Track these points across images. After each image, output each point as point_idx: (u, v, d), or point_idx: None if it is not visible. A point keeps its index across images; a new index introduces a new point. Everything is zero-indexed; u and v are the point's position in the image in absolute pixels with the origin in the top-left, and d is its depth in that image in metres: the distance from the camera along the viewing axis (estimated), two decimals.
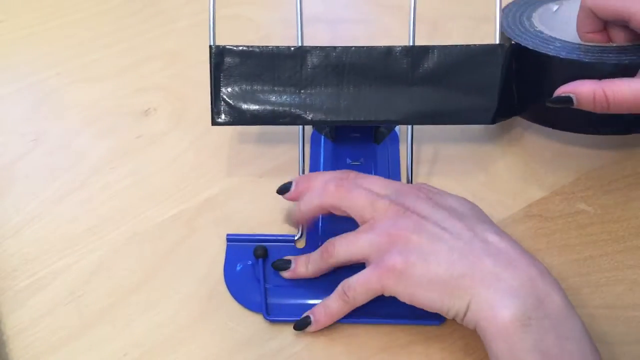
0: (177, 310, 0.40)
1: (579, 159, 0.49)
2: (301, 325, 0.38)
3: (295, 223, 0.43)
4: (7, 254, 0.42)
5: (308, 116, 0.42)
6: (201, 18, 0.58)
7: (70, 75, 0.53)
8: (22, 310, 0.39)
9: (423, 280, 0.34)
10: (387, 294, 0.36)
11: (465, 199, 0.39)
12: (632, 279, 0.42)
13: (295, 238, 0.43)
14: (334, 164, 0.47)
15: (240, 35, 0.57)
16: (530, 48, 0.43)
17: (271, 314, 0.39)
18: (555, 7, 0.49)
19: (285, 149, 0.49)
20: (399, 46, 0.41)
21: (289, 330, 0.39)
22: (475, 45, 0.41)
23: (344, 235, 0.38)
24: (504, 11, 0.48)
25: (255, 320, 0.39)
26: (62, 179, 0.46)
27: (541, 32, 0.45)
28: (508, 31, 0.45)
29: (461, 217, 0.37)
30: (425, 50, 0.41)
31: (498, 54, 0.41)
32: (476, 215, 0.38)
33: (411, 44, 0.42)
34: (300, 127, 0.44)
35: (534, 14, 0.48)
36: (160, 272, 0.41)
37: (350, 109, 0.42)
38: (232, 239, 0.43)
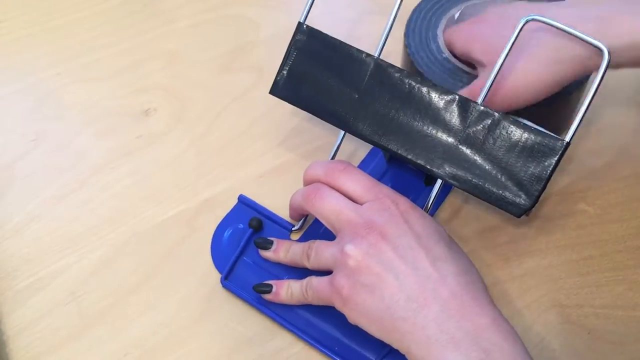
0: (177, 310, 0.40)
1: (579, 159, 0.49)
2: (261, 289, 0.39)
3: (289, 213, 0.43)
4: (7, 254, 0.42)
5: (353, 126, 0.41)
6: (201, 18, 0.58)
7: (70, 75, 0.53)
8: (22, 310, 0.39)
9: (365, 310, 0.34)
10: (337, 309, 0.36)
11: (440, 227, 0.37)
12: (632, 279, 0.42)
13: (293, 228, 0.43)
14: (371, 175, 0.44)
15: (241, 35, 0.57)
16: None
17: (230, 280, 0.40)
18: (457, 14, 0.48)
19: (286, 149, 0.49)
20: (467, 99, 0.38)
21: (288, 331, 0.39)
22: (539, 130, 0.37)
23: (321, 242, 0.38)
24: (409, 25, 0.47)
25: (255, 320, 0.39)
26: (62, 179, 0.46)
27: (448, 61, 0.45)
28: (418, 61, 0.45)
29: (427, 247, 0.34)
30: (489, 115, 0.38)
31: (556, 152, 0.36)
32: (445, 247, 0.35)
33: (480, 101, 0.38)
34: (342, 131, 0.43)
35: (438, 28, 0.47)
36: (160, 272, 0.41)
37: (392, 137, 0.40)
38: (242, 200, 0.45)
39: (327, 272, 0.37)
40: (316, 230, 0.43)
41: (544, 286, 0.42)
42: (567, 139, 0.36)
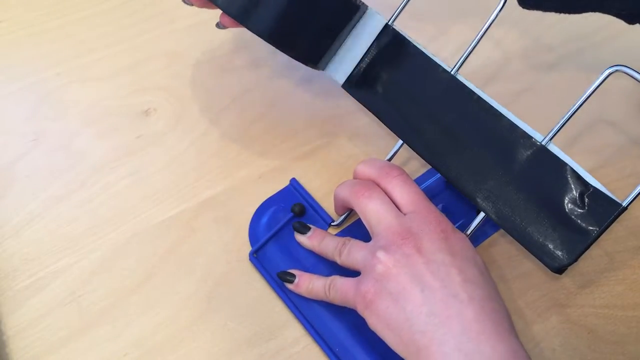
0: (177, 310, 0.40)
1: (579, 159, 0.49)
2: (284, 277, 0.40)
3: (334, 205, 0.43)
4: (7, 254, 0.42)
5: (411, 138, 0.40)
6: (201, 18, 0.58)
7: (70, 75, 0.53)
8: (22, 310, 0.39)
9: (385, 318, 0.34)
10: (359, 312, 0.36)
11: (477, 255, 0.36)
12: (632, 279, 0.42)
13: (332, 223, 0.44)
14: (427, 191, 0.43)
15: (241, 35, 0.57)
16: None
17: (258, 258, 0.41)
18: None
19: (285, 149, 0.49)
20: (531, 136, 0.37)
21: (289, 330, 0.39)
22: (597, 188, 0.35)
23: (356, 242, 0.38)
24: None
25: (255, 321, 0.40)
26: (62, 179, 0.46)
27: None
28: None
29: (461, 267, 0.34)
30: (551, 159, 0.36)
31: (609, 214, 0.34)
32: (478, 272, 0.35)
33: (546, 140, 0.36)
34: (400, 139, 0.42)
35: None
36: (160, 272, 0.41)
37: (446, 158, 0.39)
38: (293, 184, 0.45)
39: (352, 273, 0.37)
40: (356, 230, 0.43)
41: (544, 286, 0.42)
42: (625, 203, 0.34)
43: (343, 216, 0.44)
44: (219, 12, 0.49)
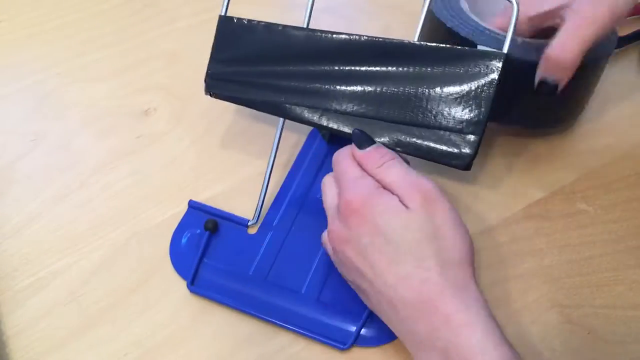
0: (177, 310, 0.40)
1: (579, 158, 0.49)
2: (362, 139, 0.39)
3: None
4: (7, 254, 0.42)
5: (289, 109, 0.40)
6: (201, 18, 0.58)
7: (70, 75, 0.53)
8: (22, 310, 0.39)
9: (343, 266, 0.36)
10: None
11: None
12: (632, 279, 0.42)
13: (249, 223, 0.43)
14: (321, 167, 0.46)
15: None
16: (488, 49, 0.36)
17: (196, 285, 0.40)
18: None
19: (285, 149, 0.49)
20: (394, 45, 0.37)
21: (285, 329, 0.39)
22: (461, 48, 0.33)
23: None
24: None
25: (255, 321, 0.39)
26: (62, 179, 0.46)
27: (482, 27, 0.43)
28: (445, 16, 0.43)
29: (397, 246, 0.33)
30: (399, 46, 0.36)
31: (493, 69, 0.33)
32: (451, 213, 0.34)
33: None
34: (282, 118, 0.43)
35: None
36: (160, 272, 0.41)
37: (330, 114, 0.39)
38: (193, 205, 0.44)
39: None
40: (270, 220, 0.44)
41: (544, 286, 0.42)
42: (505, 49, 0.33)
43: (258, 214, 0.43)
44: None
